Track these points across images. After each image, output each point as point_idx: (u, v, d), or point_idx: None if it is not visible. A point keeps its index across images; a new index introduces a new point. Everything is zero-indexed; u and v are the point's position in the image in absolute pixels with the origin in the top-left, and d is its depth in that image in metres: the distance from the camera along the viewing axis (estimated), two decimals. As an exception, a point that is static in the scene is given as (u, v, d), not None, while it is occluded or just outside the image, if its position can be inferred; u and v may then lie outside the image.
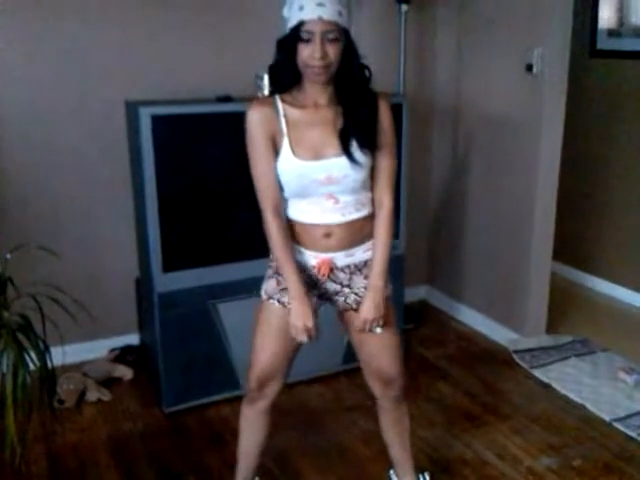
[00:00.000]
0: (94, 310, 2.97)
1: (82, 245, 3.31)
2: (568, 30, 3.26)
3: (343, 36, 1.81)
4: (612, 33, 4.09)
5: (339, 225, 1.96)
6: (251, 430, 2.22)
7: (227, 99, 2.94)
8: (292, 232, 1.99)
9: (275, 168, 1.91)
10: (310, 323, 1.94)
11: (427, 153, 4.03)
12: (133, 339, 3.49)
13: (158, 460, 2.66)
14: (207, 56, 3.30)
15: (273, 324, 2.05)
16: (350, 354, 2.49)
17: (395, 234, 3.19)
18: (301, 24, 1.77)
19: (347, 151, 1.87)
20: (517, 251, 3.55)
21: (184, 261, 2.88)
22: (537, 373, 3.31)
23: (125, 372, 3.27)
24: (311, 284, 2.03)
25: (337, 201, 1.93)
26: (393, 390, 2.16)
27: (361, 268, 2.03)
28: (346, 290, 2.04)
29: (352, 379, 3.10)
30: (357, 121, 1.89)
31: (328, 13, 1.76)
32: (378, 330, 2.00)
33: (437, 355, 3.54)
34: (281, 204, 1.96)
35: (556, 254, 3.65)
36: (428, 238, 4.20)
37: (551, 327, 3.71)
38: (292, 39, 1.81)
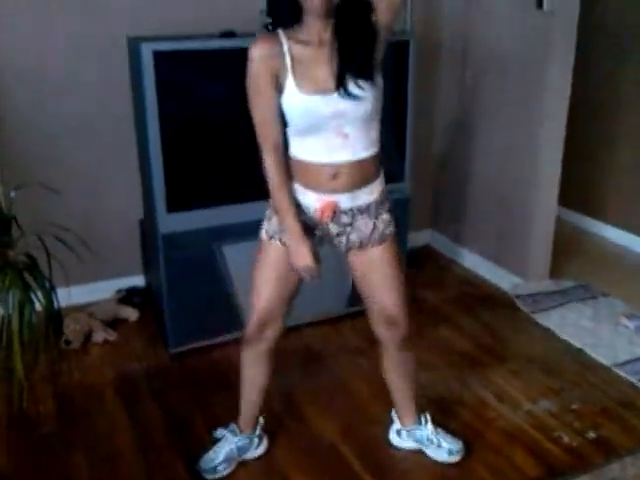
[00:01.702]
0: (99, 251, 2.98)
1: (86, 186, 3.29)
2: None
3: None
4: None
5: (348, 164, 1.92)
6: (252, 373, 2.25)
7: (231, 34, 2.86)
8: (295, 172, 1.97)
9: (278, 106, 1.88)
10: (310, 262, 1.94)
11: (433, 93, 3.96)
12: (139, 280, 3.51)
13: (164, 399, 2.70)
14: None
15: (273, 264, 2.06)
16: (355, 297, 2.50)
17: (400, 177, 3.21)
18: None
19: (344, 89, 1.83)
20: (522, 195, 3.53)
21: (188, 202, 2.86)
22: (538, 317, 3.33)
23: (131, 313, 3.30)
24: (312, 226, 2.02)
25: (347, 137, 1.89)
26: (398, 331, 2.15)
27: (363, 211, 2.02)
28: (348, 229, 2.03)
29: (356, 322, 3.13)
30: (352, 60, 1.84)
31: None
32: None
33: (439, 298, 3.56)
34: (281, 143, 1.93)
35: (561, 199, 3.63)
36: (433, 182, 4.17)
37: (554, 272, 3.72)
38: None
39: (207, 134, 2.84)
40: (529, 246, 3.57)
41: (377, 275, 2.09)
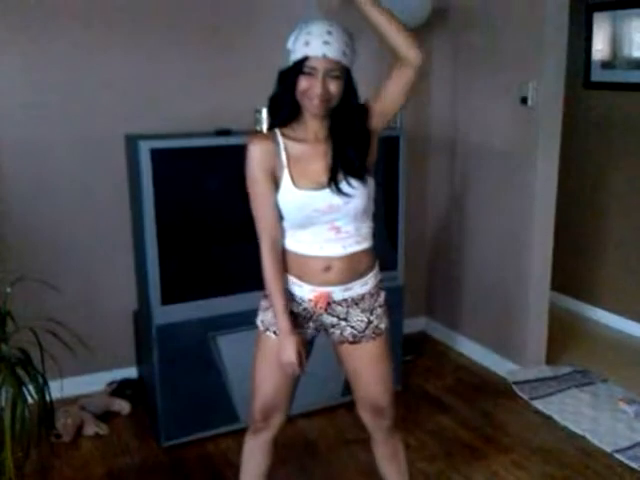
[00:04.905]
0: (92, 343, 2.97)
1: (81, 278, 3.31)
2: (562, 63, 3.32)
3: (344, 75, 1.85)
4: (606, 65, 4.16)
5: (339, 258, 1.96)
6: (254, 462, 2.21)
7: (226, 132, 2.97)
8: (289, 264, 2.00)
9: (275, 202, 1.93)
10: (293, 358, 1.95)
11: (424, 185, 4.06)
12: (131, 372, 3.47)
13: (156, 495, 2.64)
14: (207, 90, 3.34)
15: (271, 356, 2.04)
16: (350, 386, 2.48)
17: (393, 265, 3.25)
18: (305, 59, 1.81)
19: (336, 186, 1.90)
20: (515, 281, 3.56)
21: (183, 293, 2.88)
22: (537, 404, 3.29)
23: (123, 406, 3.24)
24: (307, 316, 2.04)
25: (339, 231, 1.94)
26: (384, 420, 2.15)
27: (358, 302, 2.03)
28: (343, 323, 2.04)
29: (352, 411, 3.05)
30: (345, 160, 1.92)
31: (333, 52, 1.80)
32: None
33: (436, 387, 3.53)
34: (279, 237, 1.98)
35: (555, 284, 3.65)
36: (426, 270, 4.20)
37: (551, 358, 3.70)
38: (294, 72, 1.84)
39: (202, 227, 2.90)
40: (524, 332, 3.56)
41: (368, 370, 2.10)
